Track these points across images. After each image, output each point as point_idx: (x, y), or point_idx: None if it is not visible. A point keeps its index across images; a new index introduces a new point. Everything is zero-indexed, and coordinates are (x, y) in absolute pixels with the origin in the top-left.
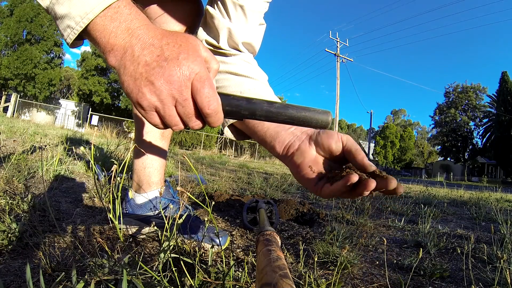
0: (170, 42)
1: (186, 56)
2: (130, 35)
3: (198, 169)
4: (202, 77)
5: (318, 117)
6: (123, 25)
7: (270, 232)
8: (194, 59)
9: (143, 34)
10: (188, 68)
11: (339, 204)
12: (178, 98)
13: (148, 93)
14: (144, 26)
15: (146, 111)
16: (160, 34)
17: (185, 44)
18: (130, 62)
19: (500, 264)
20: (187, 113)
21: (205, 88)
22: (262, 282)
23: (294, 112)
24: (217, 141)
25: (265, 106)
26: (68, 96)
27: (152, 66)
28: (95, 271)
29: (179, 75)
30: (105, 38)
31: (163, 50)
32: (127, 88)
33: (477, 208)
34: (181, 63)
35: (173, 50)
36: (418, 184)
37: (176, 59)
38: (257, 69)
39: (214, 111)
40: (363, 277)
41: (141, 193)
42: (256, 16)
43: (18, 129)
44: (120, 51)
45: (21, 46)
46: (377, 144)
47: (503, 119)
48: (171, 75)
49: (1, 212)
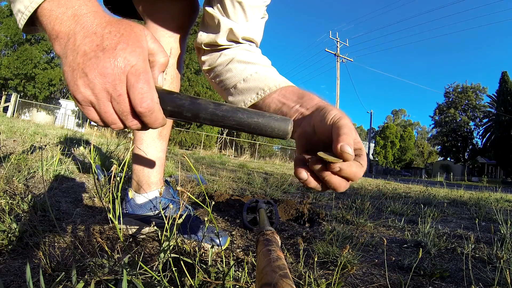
0: (112, 30)
1: (125, 47)
2: (75, 22)
3: (198, 169)
4: (138, 70)
5: (275, 125)
6: (70, 11)
7: (270, 232)
8: (133, 50)
9: (88, 21)
10: (124, 60)
11: (339, 204)
12: (112, 93)
13: (82, 86)
14: (91, 13)
15: (82, 106)
16: (105, 22)
17: (127, 33)
18: (70, 51)
19: (500, 264)
20: (122, 110)
21: (139, 83)
22: (262, 282)
23: (244, 117)
24: (217, 141)
25: (210, 108)
26: (68, 96)
27: (89, 56)
28: (95, 271)
29: (113, 67)
30: (50, 24)
31: (103, 39)
32: (66, 79)
33: (477, 208)
34: (117, 54)
35: (113, 39)
36: (418, 184)
37: (113, 49)
38: (259, 55)
39: (148, 109)
40: (363, 277)
41: (141, 193)
42: (256, 11)
43: (18, 129)
44: (64, 38)
45: (21, 46)
46: (377, 144)
47: (503, 119)
48: (104, 67)
49: (1, 212)
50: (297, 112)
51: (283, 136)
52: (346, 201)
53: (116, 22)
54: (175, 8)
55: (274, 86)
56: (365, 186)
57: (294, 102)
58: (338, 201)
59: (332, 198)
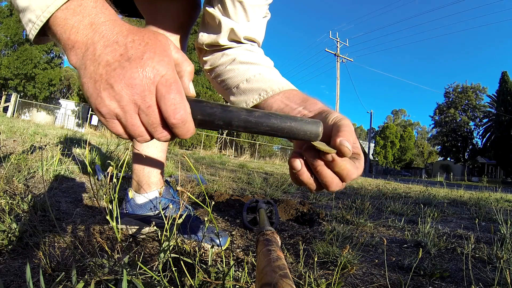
0: (136, 39)
1: (152, 56)
2: (93, 31)
3: (198, 169)
4: (169, 80)
5: (307, 128)
6: (87, 19)
7: (270, 232)
8: (161, 59)
9: (107, 30)
10: (152, 70)
11: (339, 204)
12: (140, 105)
13: (108, 98)
14: (109, 21)
15: (106, 119)
16: (127, 31)
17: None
18: (90, 62)
19: (500, 264)
20: (151, 122)
21: (171, 94)
22: (262, 282)
23: (278, 122)
24: (217, 141)
25: (243, 115)
26: (68, 96)
27: (114, 66)
28: (95, 271)
29: (141, 78)
30: (65, 33)
31: (127, 48)
32: (86, 91)
33: (477, 208)
34: (145, 63)
35: (138, 48)
36: (418, 184)
37: (140, 58)
38: (261, 56)
39: (182, 120)
40: (363, 277)
41: (141, 193)
42: (258, 10)
43: (18, 129)
44: (81, 48)
45: (21, 46)
46: (377, 144)
47: (503, 119)
48: (132, 77)
49: (1, 212)
50: (299, 113)
51: (315, 138)
52: (346, 201)
53: (138, 31)
54: (175, 8)
55: (278, 89)
56: (365, 186)
57: (298, 104)
58: (338, 201)
59: (332, 198)
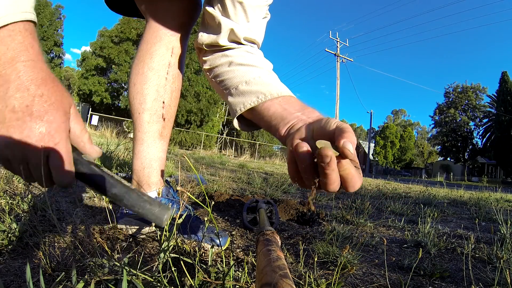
0: (44, 94)
1: (51, 120)
2: (12, 67)
3: (198, 169)
4: (61, 150)
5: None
6: (10, 53)
7: (270, 232)
8: (59, 126)
9: (24, 72)
10: (48, 135)
11: (339, 204)
12: (30, 161)
13: (3, 144)
14: (29, 62)
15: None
16: (40, 79)
17: (57, 104)
18: (1, 98)
19: (500, 264)
20: (37, 176)
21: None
22: (262, 282)
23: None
24: (217, 141)
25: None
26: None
27: (17, 116)
28: (95, 271)
29: (36, 139)
30: None
31: (33, 101)
32: None
33: (477, 208)
34: (43, 125)
35: (43, 106)
36: (418, 184)
37: (41, 119)
38: (261, 58)
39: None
40: (363, 277)
41: None
42: (258, 11)
43: None
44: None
45: None
46: (377, 144)
47: (503, 119)
48: (29, 136)
49: (1, 212)
50: (297, 118)
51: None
52: (346, 201)
53: (50, 83)
54: (175, 7)
55: (276, 94)
56: (365, 186)
57: (296, 110)
58: (338, 201)
59: (332, 198)
